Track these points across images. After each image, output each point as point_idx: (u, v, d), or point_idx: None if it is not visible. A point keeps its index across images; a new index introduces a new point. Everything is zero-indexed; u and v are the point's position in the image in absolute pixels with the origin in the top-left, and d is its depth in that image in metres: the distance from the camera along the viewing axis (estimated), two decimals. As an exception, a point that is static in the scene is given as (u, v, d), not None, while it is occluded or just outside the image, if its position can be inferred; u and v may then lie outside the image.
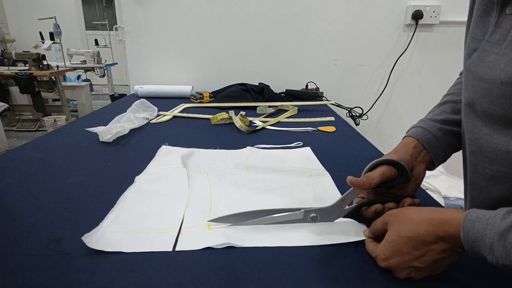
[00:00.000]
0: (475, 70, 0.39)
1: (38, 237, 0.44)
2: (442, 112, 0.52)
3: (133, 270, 0.39)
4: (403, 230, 0.37)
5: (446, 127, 0.50)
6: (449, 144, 0.50)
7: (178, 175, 0.63)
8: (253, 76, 1.52)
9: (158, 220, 0.49)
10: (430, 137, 0.49)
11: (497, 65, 0.35)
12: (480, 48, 0.39)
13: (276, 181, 0.63)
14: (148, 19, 1.49)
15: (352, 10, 1.48)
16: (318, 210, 0.46)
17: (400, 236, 0.37)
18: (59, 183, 0.60)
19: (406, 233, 0.37)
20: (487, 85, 0.36)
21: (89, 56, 4.18)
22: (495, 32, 0.37)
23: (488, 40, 0.38)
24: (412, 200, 0.45)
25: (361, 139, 0.93)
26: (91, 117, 1.15)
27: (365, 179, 0.43)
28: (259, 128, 0.97)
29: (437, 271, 0.37)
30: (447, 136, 0.50)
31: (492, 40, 0.37)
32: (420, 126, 0.51)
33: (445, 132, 0.50)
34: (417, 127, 0.51)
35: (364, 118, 1.52)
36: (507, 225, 0.30)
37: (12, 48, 4.48)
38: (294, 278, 0.38)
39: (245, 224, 0.47)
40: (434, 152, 0.49)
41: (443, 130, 0.49)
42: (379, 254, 0.39)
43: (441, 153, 0.49)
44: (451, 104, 0.53)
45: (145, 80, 1.56)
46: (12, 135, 3.48)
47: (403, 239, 0.37)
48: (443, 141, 0.49)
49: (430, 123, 0.51)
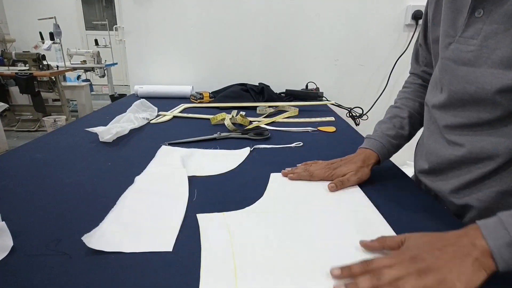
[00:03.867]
0: (456, 59, 0.51)
1: (38, 237, 0.44)
2: (394, 127, 0.69)
3: (133, 270, 0.39)
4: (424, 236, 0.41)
5: (394, 141, 0.68)
6: (393, 152, 0.70)
7: (178, 175, 0.63)
8: (253, 76, 1.52)
9: (158, 220, 0.49)
10: (385, 151, 0.67)
11: (479, 57, 0.47)
12: (455, 43, 0.51)
13: (314, 223, 0.49)
14: (148, 19, 1.49)
15: (352, 10, 1.48)
16: None
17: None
18: (59, 183, 0.60)
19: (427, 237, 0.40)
20: (469, 68, 0.49)
21: (89, 56, 4.17)
22: (466, 31, 0.49)
23: (461, 36, 0.50)
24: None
25: (361, 139, 0.93)
26: (91, 117, 1.15)
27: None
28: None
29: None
30: (394, 148, 0.69)
31: (465, 36, 0.49)
32: (378, 140, 0.68)
33: (393, 145, 0.68)
34: (375, 140, 0.68)
35: (364, 118, 1.52)
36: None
37: (12, 48, 4.48)
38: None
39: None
40: (383, 159, 0.68)
41: (392, 144, 0.68)
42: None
43: (386, 158, 0.69)
44: (400, 119, 0.70)
45: (145, 80, 1.56)
46: (12, 135, 3.48)
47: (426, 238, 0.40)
48: (391, 152, 0.69)
49: (386, 138, 0.68)
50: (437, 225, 0.50)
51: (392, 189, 0.62)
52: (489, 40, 0.45)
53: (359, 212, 0.53)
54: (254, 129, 0.95)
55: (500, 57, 0.44)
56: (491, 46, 0.45)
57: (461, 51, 0.50)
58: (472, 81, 0.48)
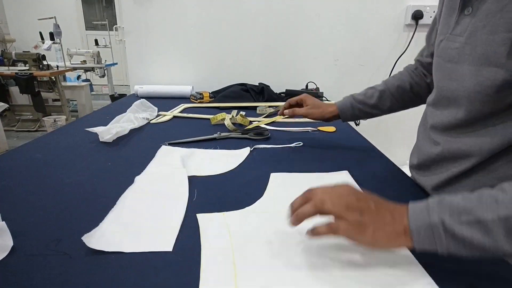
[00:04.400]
0: (444, 56, 0.53)
1: (38, 237, 0.44)
2: (364, 95, 0.77)
3: (133, 270, 0.39)
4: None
5: (357, 105, 0.77)
6: (355, 114, 0.78)
7: (178, 175, 0.63)
8: (253, 76, 1.52)
9: (158, 220, 0.49)
10: (346, 107, 0.78)
11: (462, 54, 0.48)
12: (446, 40, 0.53)
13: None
14: (148, 19, 1.49)
15: (352, 10, 1.48)
16: None
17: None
18: (59, 183, 0.60)
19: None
20: (452, 66, 0.51)
21: (89, 56, 4.17)
22: (456, 28, 0.50)
23: (451, 33, 0.51)
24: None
25: (361, 139, 0.93)
26: (91, 117, 1.15)
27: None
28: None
29: (378, 242, 0.38)
30: (355, 110, 0.78)
31: (454, 33, 0.50)
32: (344, 99, 0.80)
33: (354, 106, 0.77)
34: (343, 98, 0.80)
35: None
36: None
37: (12, 48, 4.47)
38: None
39: None
40: (341, 113, 0.79)
41: (353, 105, 0.77)
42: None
43: (347, 115, 0.79)
44: (372, 91, 0.77)
45: (145, 80, 1.56)
46: (12, 135, 3.48)
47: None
48: (352, 112, 0.78)
49: (350, 99, 0.78)
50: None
51: (392, 189, 0.62)
52: (472, 37, 0.46)
53: None
54: (254, 129, 0.95)
55: (479, 54, 0.45)
56: (472, 43, 0.46)
57: (448, 48, 0.51)
58: (454, 78, 0.50)
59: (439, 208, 0.36)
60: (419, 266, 0.40)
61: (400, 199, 0.57)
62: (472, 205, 0.34)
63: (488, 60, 0.44)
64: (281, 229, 0.47)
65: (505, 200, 0.33)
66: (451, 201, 0.36)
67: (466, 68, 0.47)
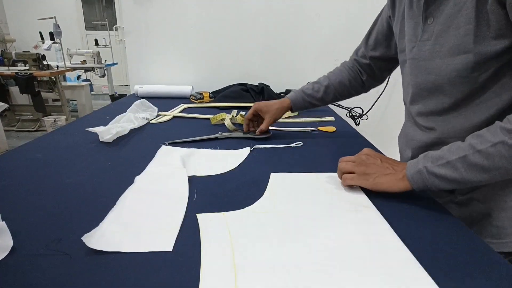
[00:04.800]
0: (417, 57, 0.62)
1: (38, 237, 0.44)
2: (312, 89, 0.90)
3: (133, 270, 0.39)
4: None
5: (306, 98, 0.90)
6: (305, 105, 0.91)
7: (178, 175, 0.63)
8: (253, 76, 1.52)
9: (158, 220, 0.49)
10: (298, 101, 0.91)
11: (433, 52, 0.58)
12: (417, 46, 0.62)
13: (314, 224, 0.49)
14: (148, 19, 1.49)
15: (352, 10, 1.48)
16: None
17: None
18: (59, 183, 0.60)
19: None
20: (424, 64, 0.61)
21: (89, 56, 4.18)
22: (423, 36, 0.60)
23: (420, 40, 0.61)
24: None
25: (361, 139, 0.93)
26: (91, 117, 1.15)
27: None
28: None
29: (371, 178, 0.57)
30: (305, 102, 0.91)
31: (423, 39, 0.60)
32: (295, 93, 0.92)
33: (304, 99, 0.91)
34: (293, 93, 0.93)
35: (364, 118, 1.52)
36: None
37: (12, 48, 4.48)
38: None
39: None
40: (294, 105, 0.91)
41: (304, 98, 0.91)
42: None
43: (298, 107, 0.92)
44: (318, 85, 0.90)
45: (145, 80, 1.56)
46: (12, 135, 3.48)
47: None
48: (303, 103, 0.91)
49: (301, 93, 0.91)
50: (436, 222, 0.50)
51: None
52: (439, 38, 0.57)
53: (359, 212, 0.52)
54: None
55: (447, 48, 0.55)
56: (440, 42, 0.57)
57: (421, 50, 0.61)
58: (430, 71, 0.59)
59: (424, 159, 0.53)
60: (419, 266, 0.40)
61: (400, 197, 0.57)
62: (443, 153, 0.51)
63: (457, 50, 0.53)
64: (281, 229, 0.47)
65: (462, 146, 0.50)
66: (432, 153, 0.53)
67: (440, 62, 0.57)
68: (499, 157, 0.45)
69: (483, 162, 0.46)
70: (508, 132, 0.45)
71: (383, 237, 0.46)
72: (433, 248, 0.44)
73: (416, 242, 0.45)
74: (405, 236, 0.46)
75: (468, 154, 0.48)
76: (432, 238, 0.46)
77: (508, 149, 0.45)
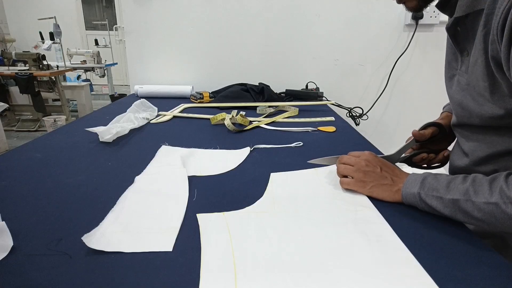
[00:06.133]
0: (456, 88, 0.60)
1: (38, 237, 0.44)
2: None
3: (133, 270, 0.39)
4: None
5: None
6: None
7: (178, 175, 0.63)
8: (253, 76, 1.52)
9: (158, 220, 0.49)
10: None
11: (467, 88, 0.56)
12: (457, 75, 0.61)
13: (314, 224, 0.49)
14: (148, 19, 1.49)
15: (352, 10, 1.48)
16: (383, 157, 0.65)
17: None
18: (59, 183, 0.60)
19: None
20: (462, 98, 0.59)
21: (89, 56, 4.18)
22: (462, 66, 0.59)
23: (460, 69, 0.60)
24: (447, 151, 0.72)
25: (361, 139, 0.93)
26: (91, 117, 1.15)
27: (421, 133, 0.70)
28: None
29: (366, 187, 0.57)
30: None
31: (462, 70, 0.59)
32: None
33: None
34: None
35: (364, 118, 1.52)
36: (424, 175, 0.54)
37: (12, 48, 4.47)
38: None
39: None
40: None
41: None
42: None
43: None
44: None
45: (145, 80, 1.56)
46: (12, 135, 3.48)
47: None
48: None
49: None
50: (436, 222, 0.50)
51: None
52: (471, 74, 0.54)
53: (359, 212, 0.52)
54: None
55: (477, 92, 0.53)
56: (473, 78, 0.54)
57: (460, 82, 0.60)
58: (465, 109, 0.57)
59: (421, 184, 0.52)
60: (419, 266, 0.40)
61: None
62: (440, 185, 0.50)
63: (484, 99, 0.52)
64: (281, 229, 0.47)
65: (460, 187, 0.48)
66: (430, 182, 0.52)
67: (470, 102, 0.56)
68: (489, 215, 0.45)
69: (473, 213, 0.46)
70: (506, 197, 0.43)
71: (383, 237, 0.46)
72: (433, 248, 0.44)
73: (416, 242, 0.45)
74: (405, 236, 0.46)
75: (461, 200, 0.47)
76: (432, 238, 0.46)
77: (500, 212, 0.44)
